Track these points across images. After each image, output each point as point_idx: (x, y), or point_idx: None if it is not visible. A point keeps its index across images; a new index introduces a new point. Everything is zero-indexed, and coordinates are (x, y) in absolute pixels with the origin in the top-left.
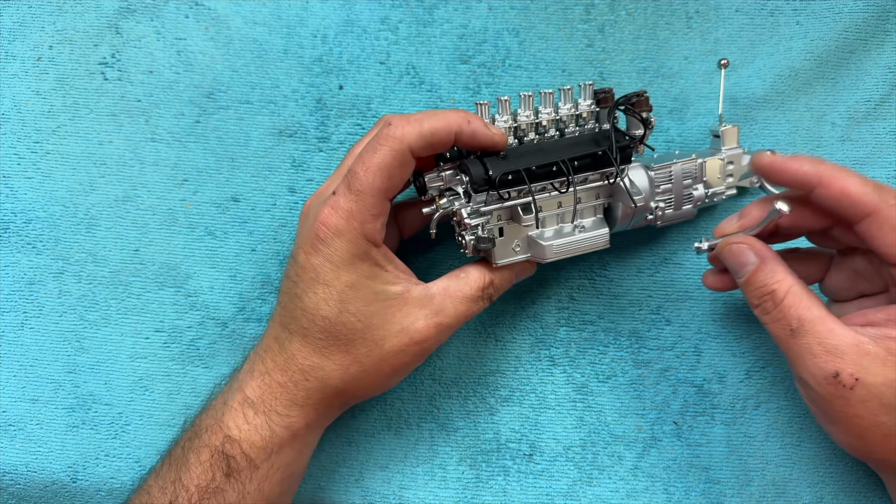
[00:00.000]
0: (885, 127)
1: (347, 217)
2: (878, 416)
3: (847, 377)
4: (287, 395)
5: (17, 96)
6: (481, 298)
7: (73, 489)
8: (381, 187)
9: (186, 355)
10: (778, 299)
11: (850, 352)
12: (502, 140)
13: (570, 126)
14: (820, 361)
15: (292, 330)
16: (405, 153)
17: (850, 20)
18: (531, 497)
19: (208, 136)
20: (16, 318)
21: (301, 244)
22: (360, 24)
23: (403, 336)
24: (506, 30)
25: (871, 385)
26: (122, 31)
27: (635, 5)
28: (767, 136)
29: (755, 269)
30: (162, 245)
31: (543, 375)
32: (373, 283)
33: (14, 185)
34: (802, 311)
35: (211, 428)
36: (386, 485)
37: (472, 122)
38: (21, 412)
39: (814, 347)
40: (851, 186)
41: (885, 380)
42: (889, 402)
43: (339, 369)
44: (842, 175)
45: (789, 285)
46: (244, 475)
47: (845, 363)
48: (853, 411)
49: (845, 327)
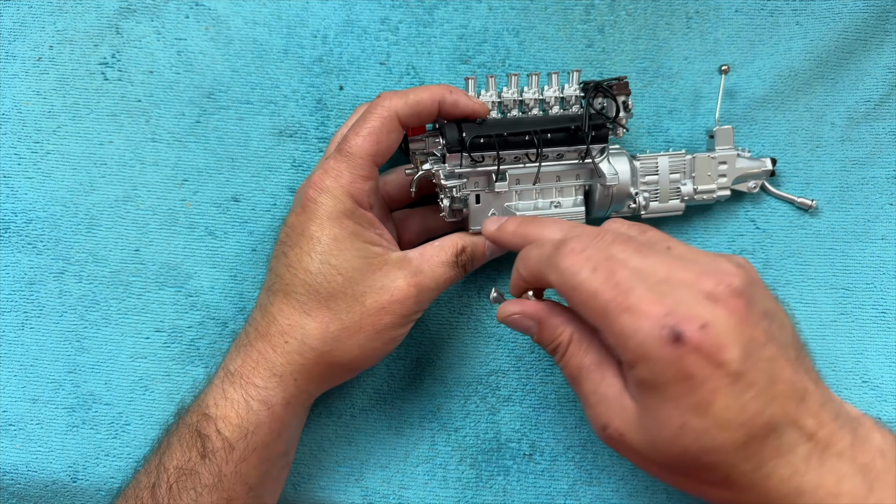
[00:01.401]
0: (885, 127)
1: (336, 176)
2: (653, 470)
3: (613, 431)
4: (266, 363)
5: (17, 96)
6: (456, 265)
7: (73, 489)
8: (369, 150)
9: (187, 355)
10: (562, 350)
11: (615, 404)
12: (483, 109)
13: (554, 108)
14: (593, 412)
15: (275, 290)
16: (393, 119)
17: (850, 20)
18: (532, 497)
19: (208, 136)
20: (16, 318)
21: (293, 208)
22: (360, 25)
23: (384, 293)
24: (506, 30)
25: (632, 442)
26: (122, 31)
27: (635, 5)
28: (767, 136)
29: (538, 332)
30: (162, 245)
31: (544, 375)
32: (355, 240)
33: (14, 185)
34: (581, 358)
35: (192, 408)
36: (386, 485)
37: (454, 92)
38: (21, 412)
39: (589, 396)
40: (534, 256)
41: (639, 439)
42: (654, 460)
43: (319, 326)
44: (538, 235)
45: (570, 334)
46: (219, 456)
47: (611, 416)
48: (632, 461)
49: (617, 375)
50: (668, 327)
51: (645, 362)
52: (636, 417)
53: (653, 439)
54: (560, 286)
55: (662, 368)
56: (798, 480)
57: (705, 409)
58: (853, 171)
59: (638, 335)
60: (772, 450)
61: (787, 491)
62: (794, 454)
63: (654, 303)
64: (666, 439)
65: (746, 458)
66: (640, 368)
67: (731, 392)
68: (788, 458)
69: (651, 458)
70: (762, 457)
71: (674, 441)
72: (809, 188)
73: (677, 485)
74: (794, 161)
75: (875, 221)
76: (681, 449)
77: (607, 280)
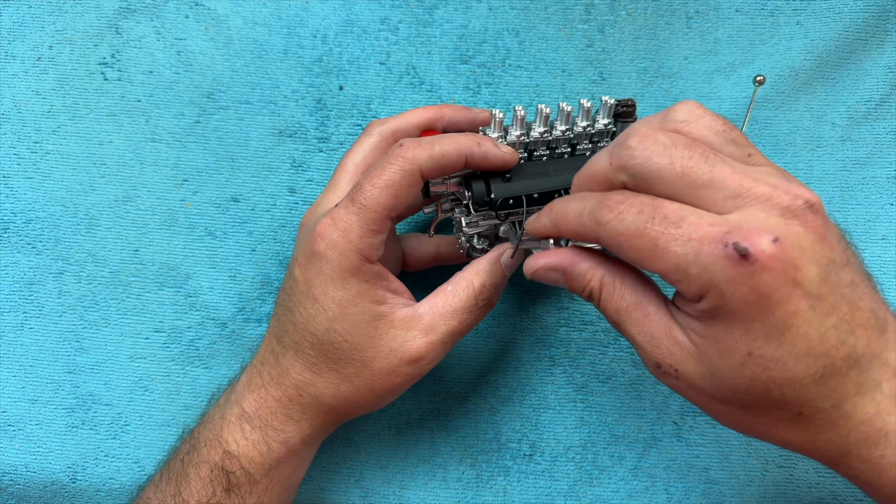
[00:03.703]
0: (885, 127)
1: (345, 229)
2: (715, 405)
3: (667, 367)
4: (282, 410)
5: (17, 96)
6: (475, 308)
7: (73, 489)
8: (385, 204)
9: (186, 355)
10: (595, 296)
11: (664, 339)
12: (513, 160)
13: (582, 143)
14: (643, 352)
15: (285, 343)
16: (415, 174)
17: (850, 20)
18: (532, 497)
19: (208, 136)
20: (16, 318)
21: (297, 256)
22: (360, 25)
23: (393, 357)
24: (506, 30)
25: (689, 377)
26: (122, 31)
27: (635, 5)
28: (767, 136)
29: (567, 281)
30: (162, 245)
31: (543, 375)
32: (361, 302)
33: (14, 185)
34: (617, 301)
35: (210, 442)
36: (386, 485)
37: (483, 145)
38: (21, 412)
39: (636, 337)
40: (573, 222)
41: (696, 372)
42: (714, 395)
43: (330, 387)
44: (565, 212)
45: (599, 278)
46: (244, 490)
47: (663, 353)
48: (692, 398)
49: (661, 308)
50: (730, 244)
51: (710, 291)
52: (692, 351)
53: (715, 370)
54: (606, 241)
55: (731, 291)
56: (882, 420)
57: (779, 335)
58: (854, 170)
59: (698, 261)
60: (854, 385)
61: (870, 432)
62: (879, 391)
63: (710, 223)
64: (730, 368)
65: (825, 395)
66: (704, 301)
67: (809, 317)
68: (872, 396)
69: (710, 392)
70: (842, 393)
71: (740, 370)
72: (810, 188)
73: (741, 424)
74: (795, 161)
75: (875, 221)
76: (747, 380)
77: (653, 216)
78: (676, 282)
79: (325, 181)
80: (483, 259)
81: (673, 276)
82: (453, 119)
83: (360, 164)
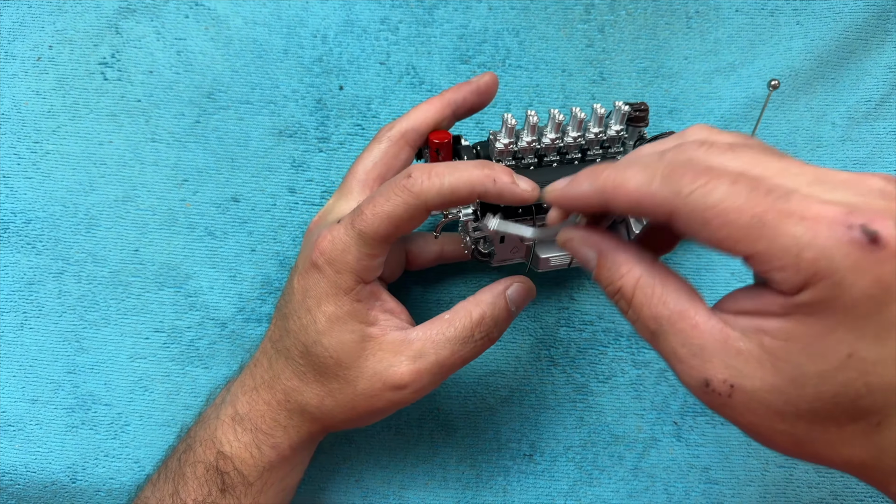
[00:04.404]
0: (885, 127)
1: (343, 250)
2: (775, 425)
3: (720, 384)
4: (271, 414)
5: (17, 96)
6: (470, 340)
7: (73, 489)
8: (384, 234)
9: (186, 355)
10: (628, 298)
11: (719, 352)
12: (532, 197)
13: (593, 149)
14: (687, 367)
15: (279, 349)
16: (419, 209)
17: (850, 20)
18: (532, 497)
19: (208, 136)
20: (16, 318)
21: (298, 263)
22: (360, 25)
23: (376, 380)
24: (506, 30)
25: (750, 391)
26: (122, 31)
27: (635, 5)
28: (767, 136)
29: (597, 267)
30: (162, 245)
31: (543, 375)
32: (350, 321)
33: (14, 185)
34: (657, 308)
35: (205, 442)
36: (386, 485)
37: (498, 182)
38: (21, 412)
39: (678, 350)
40: (634, 191)
41: (764, 384)
42: (781, 409)
43: (315, 398)
44: (623, 179)
45: (636, 278)
46: (239, 490)
47: (715, 367)
48: (744, 420)
49: (712, 317)
50: (857, 227)
51: (823, 280)
52: (762, 359)
53: (796, 377)
54: (686, 215)
55: (851, 281)
56: None
57: (887, 335)
58: (854, 170)
59: (817, 243)
60: None
61: None
62: None
63: (826, 203)
64: (820, 373)
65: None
66: (814, 290)
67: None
68: None
69: (778, 407)
70: None
71: (832, 375)
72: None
73: (803, 444)
74: None
75: None
76: (838, 386)
77: (755, 188)
78: (777, 268)
79: (325, 181)
80: (487, 290)
81: (775, 262)
82: (461, 104)
83: (371, 170)
